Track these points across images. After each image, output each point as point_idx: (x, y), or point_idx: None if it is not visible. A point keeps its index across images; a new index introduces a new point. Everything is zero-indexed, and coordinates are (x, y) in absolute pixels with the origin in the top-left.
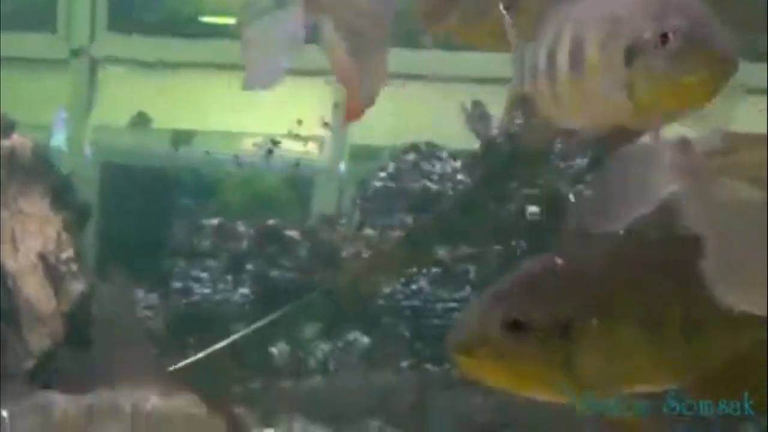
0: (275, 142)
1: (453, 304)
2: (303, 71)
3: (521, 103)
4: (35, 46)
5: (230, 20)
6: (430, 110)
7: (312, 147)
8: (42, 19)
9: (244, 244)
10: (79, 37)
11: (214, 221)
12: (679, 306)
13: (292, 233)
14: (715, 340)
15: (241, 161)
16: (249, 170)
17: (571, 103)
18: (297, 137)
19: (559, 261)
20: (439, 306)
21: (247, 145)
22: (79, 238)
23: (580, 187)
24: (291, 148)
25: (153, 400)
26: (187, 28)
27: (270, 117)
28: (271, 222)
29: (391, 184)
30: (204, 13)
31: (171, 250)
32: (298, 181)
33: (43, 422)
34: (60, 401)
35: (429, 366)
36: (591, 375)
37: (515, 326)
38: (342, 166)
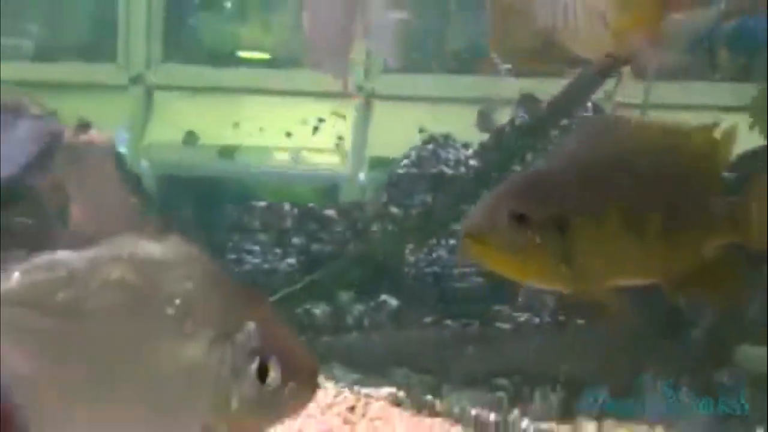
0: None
1: (468, 270)
2: (326, 94)
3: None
4: (99, 74)
5: (262, 55)
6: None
7: (336, 158)
8: (104, 50)
9: (289, 222)
10: (137, 67)
11: (264, 203)
12: (660, 212)
13: (330, 212)
14: (689, 244)
15: (277, 171)
16: (283, 178)
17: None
18: (321, 150)
19: (561, 167)
20: (456, 271)
21: (280, 157)
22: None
23: None
24: (318, 159)
25: None
26: (227, 60)
27: (299, 133)
28: (311, 204)
29: (413, 170)
30: (240, 49)
31: (226, 227)
32: (326, 187)
33: None
34: None
35: (448, 322)
36: (583, 266)
37: (520, 219)
38: (362, 175)
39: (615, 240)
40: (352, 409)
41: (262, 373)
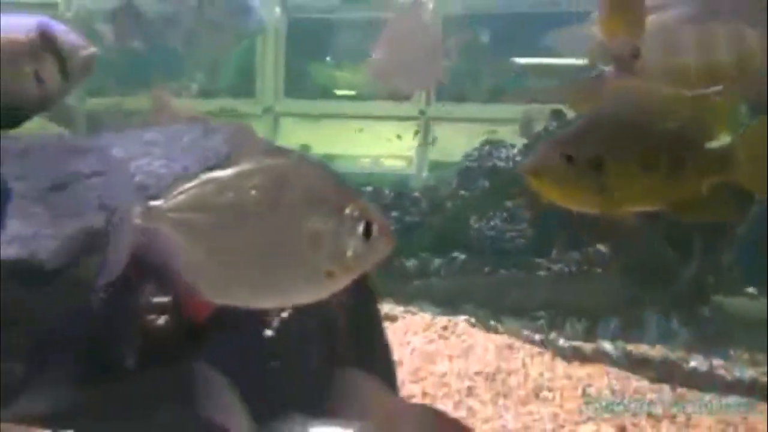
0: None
1: (515, 233)
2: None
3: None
4: (243, 106)
5: (351, 92)
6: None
7: (405, 163)
8: (246, 89)
9: (388, 201)
10: (268, 101)
11: (370, 188)
12: (669, 156)
13: (416, 194)
14: (690, 180)
15: (364, 172)
16: (368, 177)
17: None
18: (395, 157)
19: (597, 123)
20: (507, 235)
21: (365, 162)
22: None
23: None
24: (391, 163)
25: None
26: (328, 95)
27: (378, 145)
28: (424, 175)
29: (474, 164)
30: (337, 88)
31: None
32: (398, 182)
33: None
34: None
35: (502, 271)
36: (613, 195)
37: (568, 159)
38: (424, 174)
39: (636, 176)
40: (444, 328)
41: (367, 232)
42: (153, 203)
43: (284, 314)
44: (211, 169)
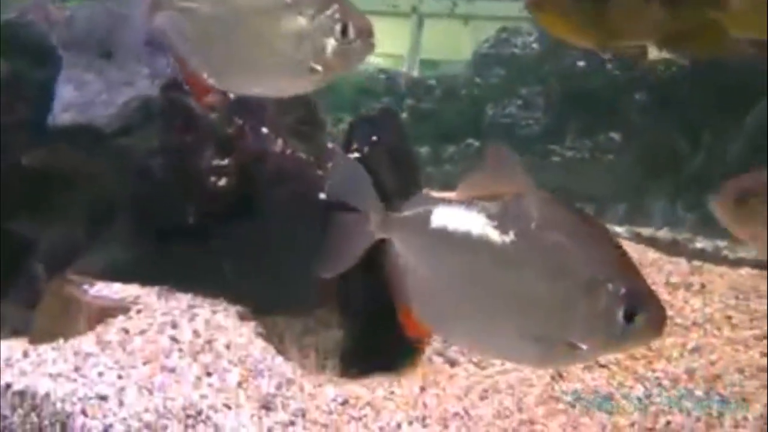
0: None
1: (531, 121)
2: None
3: None
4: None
5: None
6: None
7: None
8: None
9: (403, 87)
10: None
11: (384, 75)
12: None
13: (431, 81)
14: (682, 11)
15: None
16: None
17: None
18: (384, 55)
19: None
20: (523, 122)
21: None
22: None
23: None
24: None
25: None
26: None
27: None
28: (416, 75)
29: (492, 51)
30: None
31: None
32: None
33: None
34: None
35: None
36: (611, 29)
37: None
38: (415, 72)
39: (636, 7)
40: None
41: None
42: None
43: None
44: None
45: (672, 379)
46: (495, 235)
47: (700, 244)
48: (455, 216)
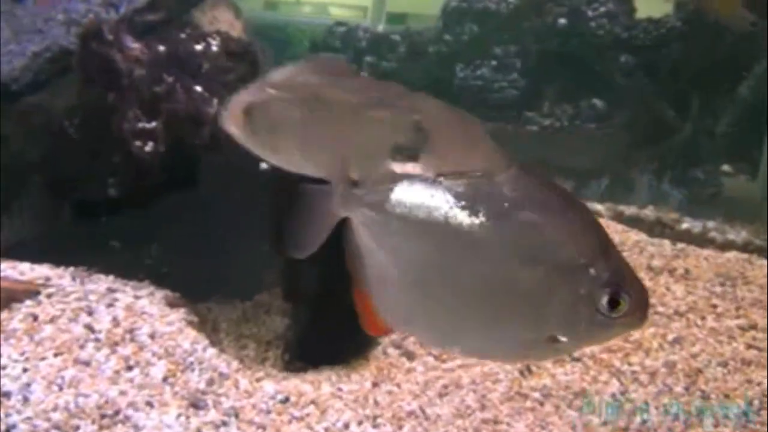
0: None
1: (504, 84)
2: None
3: None
4: None
5: None
6: None
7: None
8: None
9: (363, 44)
10: None
11: (343, 28)
12: None
13: (395, 37)
14: None
15: (307, 21)
16: (312, 27)
17: None
18: (346, 6)
19: None
20: (495, 85)
21: (310, 10)
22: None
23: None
24: (340, 12)
25: None
26: None
27: None
28: (380, 29)
29: (463, 4)
30: None
31: (311, 47)
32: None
33: None
34: None
35: (489, 124)
36: None
37: None
38: (381, 27)
39: None
40: None
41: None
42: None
43: None
44: None
45: (650, 374)
46: (464, 217)
47: (686, 224)
48: (420, 195)
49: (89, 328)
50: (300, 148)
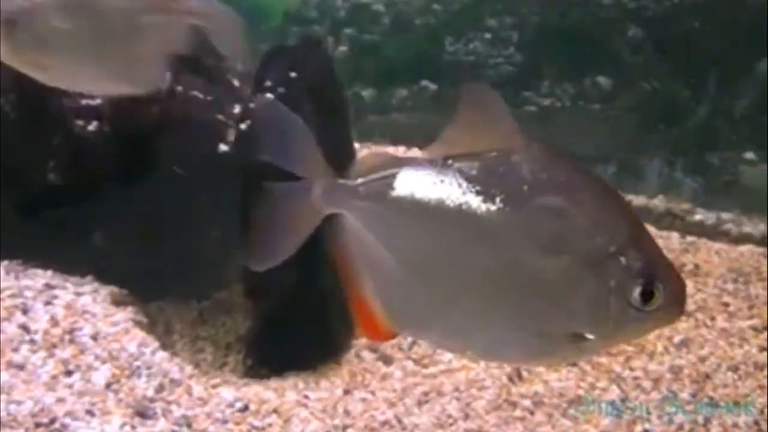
0: None
1: (500, 60)
2: None
3: None
4: None
5: None
6: None
7: None
8: None
9: (342, 14)
10: None
11: None
12: None
13: (378, 6)
14: None
15: None
16: None
17: None
18: None
19: None
20: (490, 61)
21: None
22: None
23: None
24: None
25: None
26: None
27: None
28: None
29: None
30: None
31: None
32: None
33: None
34: None
35: None
36: None
37: None
38: None
39: None
40: None
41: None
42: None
43: (243, 126)
44: None
45: (653, 380)
46: (479, 203)
47: (699, 215)
48: (426, 181)
49: (24, 328)
50: (72, 62)
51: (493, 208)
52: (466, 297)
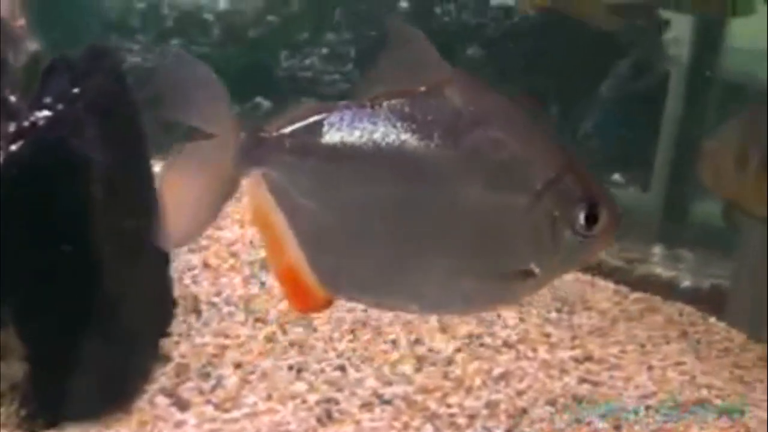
0: None
1: (337, 77)
2: None
3: None
4: None
5: None
6: None
7: None
8: None
9: (169, 24)
10: None
11: (143, 4)
12: None
13: (207, 16)
14: None
15: None
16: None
17: None
18: None
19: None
20: (327, 77)
21: None
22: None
23: None
24: None
25: None
26: None
27: None
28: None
29: None
30: None
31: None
32: None
33: None
34: None
35: None
36: None
37: None
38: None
39: None
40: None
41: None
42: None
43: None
44: None
45: (469, 416)
46: (414, 143)
47: None
48: (357, 125)
49: None
50: None
51: (430, 146)
52: (407, 247)
